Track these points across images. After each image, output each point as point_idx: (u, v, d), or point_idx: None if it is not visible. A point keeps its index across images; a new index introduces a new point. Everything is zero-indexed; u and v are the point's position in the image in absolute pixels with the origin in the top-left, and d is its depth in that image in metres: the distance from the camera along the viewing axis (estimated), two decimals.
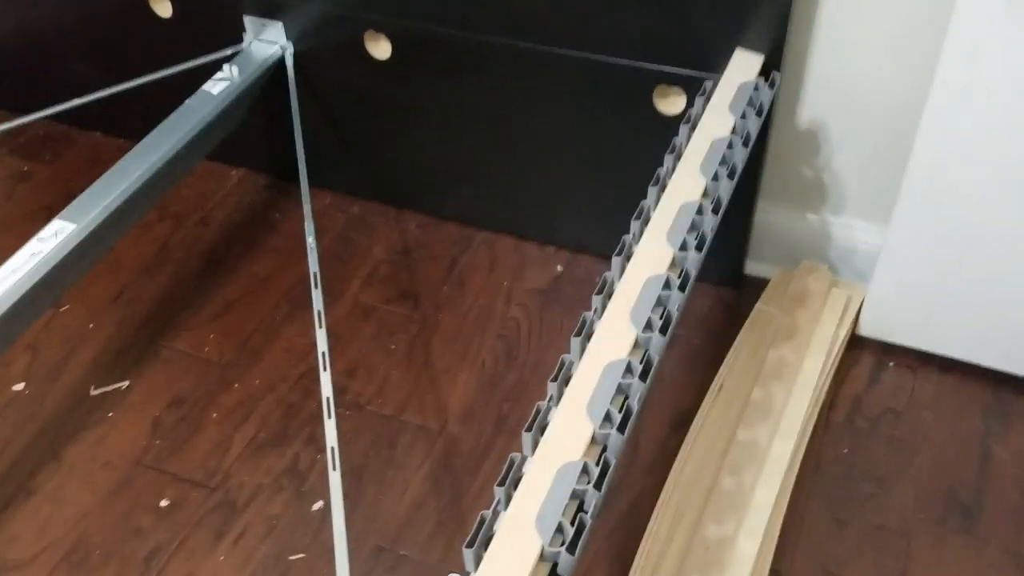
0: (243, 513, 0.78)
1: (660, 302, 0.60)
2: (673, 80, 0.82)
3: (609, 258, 0.64)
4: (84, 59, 1.09)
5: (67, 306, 0.96)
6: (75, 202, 0.79)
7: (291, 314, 0.95)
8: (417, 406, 0.86)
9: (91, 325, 0.94)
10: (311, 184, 0.87)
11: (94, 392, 0.88)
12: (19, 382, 0.89)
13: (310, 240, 0.80)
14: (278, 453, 0.82)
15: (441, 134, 0.96)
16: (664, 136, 0.75)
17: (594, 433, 0.53)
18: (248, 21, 0.94)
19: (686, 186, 0.69)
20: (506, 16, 0.84)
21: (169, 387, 0.88)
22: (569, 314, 0.94)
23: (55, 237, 0.76)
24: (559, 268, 0.99)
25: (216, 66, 0.93)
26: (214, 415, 0.86)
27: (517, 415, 0.85)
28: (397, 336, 0.93)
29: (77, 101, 0.91)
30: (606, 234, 0.75)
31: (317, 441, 0.83)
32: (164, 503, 0.79)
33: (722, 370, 0.84)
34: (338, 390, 0.86)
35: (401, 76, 0.93)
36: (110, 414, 0.86)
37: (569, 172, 0.93)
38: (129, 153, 0.83)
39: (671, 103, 0.84)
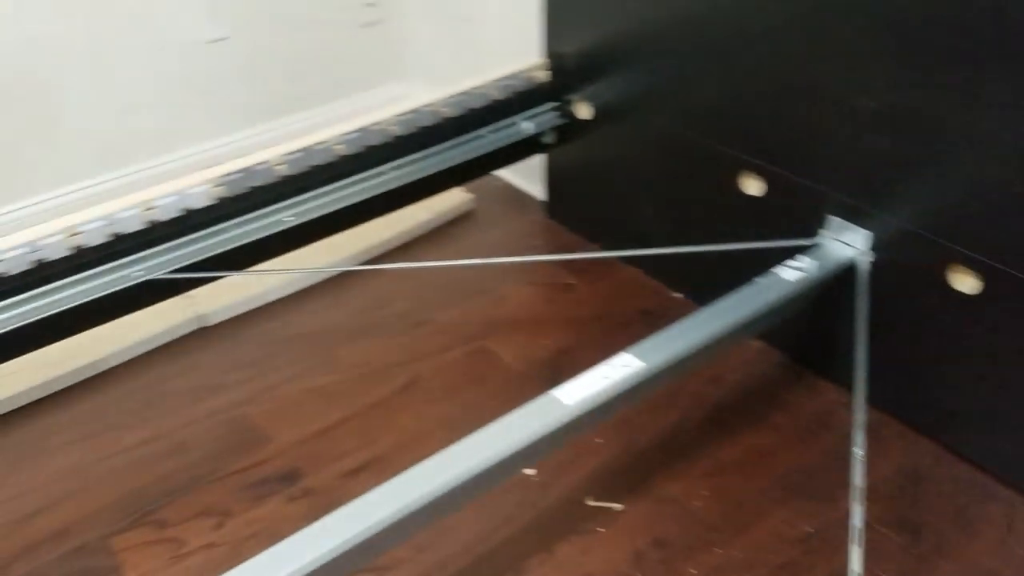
0: None
1: None
2: None
3: None
4: (659, 211, 1.24)
5: None
6: (646, 342, 0.89)
7: (784, 499, 0.96)
8: None
9: (602, 440, 1.04)
10: (825, 373, 0.88)
11: (590, 502, 0.98)
12: (533, 468, 1.02)
13: (857, 451, 0.80)
14: None
15: (1016, 382, 0.92)
16: None
17: None
18: (830, 219, 1.00)
19: None
20: None
21: (655, 525, 0.94)
22: None
23: (624, 368, 0.87)
24: None
25: (785, 252, 0.99)
26: (692, 571, 0.89)
27: None
28: (885, 563, 0.89)
29: (650, 251, 1.04)
30: None
31: None
32: None
33: None
34: None
35: (986, 315, 0.90)
36: (600, 529, 0.94)
37: None
38: (699, 313, 0.92)
39: None
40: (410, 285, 1.32)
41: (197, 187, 1.06)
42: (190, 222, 1.06)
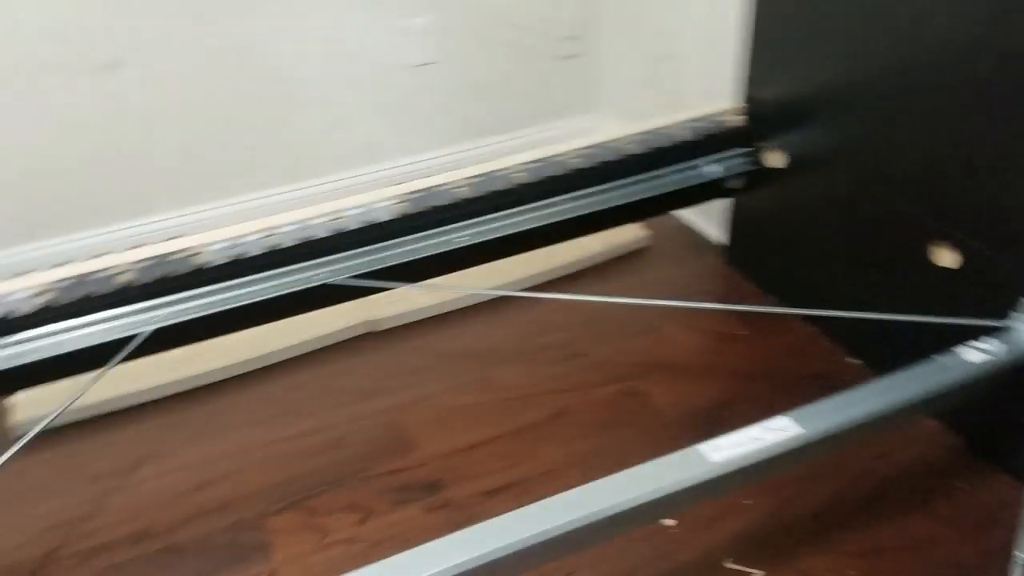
0: None
1: None
2: None
3: None
4: (842, 271, 1.18)
5: None
6: (809, 408, 0.85)
7: None
8: None
9: (750, 501, 1.00)
10: (1001, 464, 0.80)
11: (728, 564, 0.94)
12: (673, 519, 0.99)
13: (1020, 556, 0.73)
14: None
15: None
16: None
17: None
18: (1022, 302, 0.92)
19: None
20: None
21: None
22: None
23: (780, 432, 0.83)
24: None
25: (971, 331, 0.92)
26: None
27: None
28: None
29: (829, 312, 0.99)
30: None
31: None
32: None
33: None
34: None
35: None
36: None
37: None
38: (870, 385, 0.87)
39: None
40: (572, 316, 1.33)
41: (383, 202, 1.12)
42: (372, 234, 1.12)
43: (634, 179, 1.26)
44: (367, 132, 1.64)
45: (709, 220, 1.51)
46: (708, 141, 1.28)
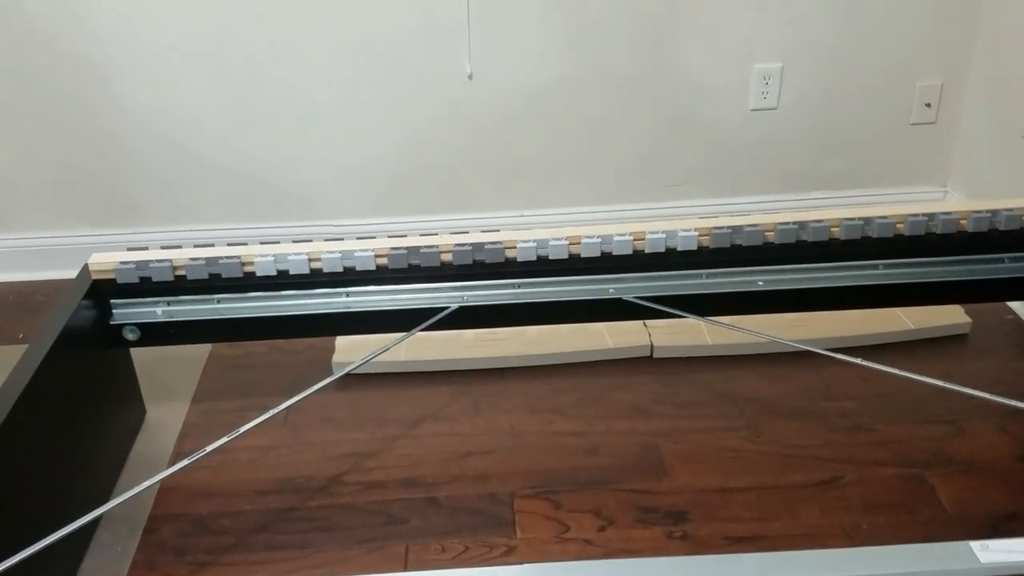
0: None
1: None
2: None
3: None
4: None
5: None
6: None
7: None
8: None
9: None
10: None
11: None
12: None
13: None
14: None
15: None
16: None
17: None
18: None
19: None
20: None
21: None
22: None
23: None
24: None
25: None
26: None
27: None
28: None
29: None
30: None
31: None
32: None
33: None
34: None
35: None
36: None
37: None
38: None
39: None
40: (865, 387, 1.26)
41: (686, 231, 1.14)
42: (670, 260, 1.15)
43: (963, 257, 1.17)
44: (682, 167, 1.68)
45: None
46: None
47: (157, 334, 1.13)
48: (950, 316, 1.37)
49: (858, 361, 1.06)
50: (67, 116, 1.55)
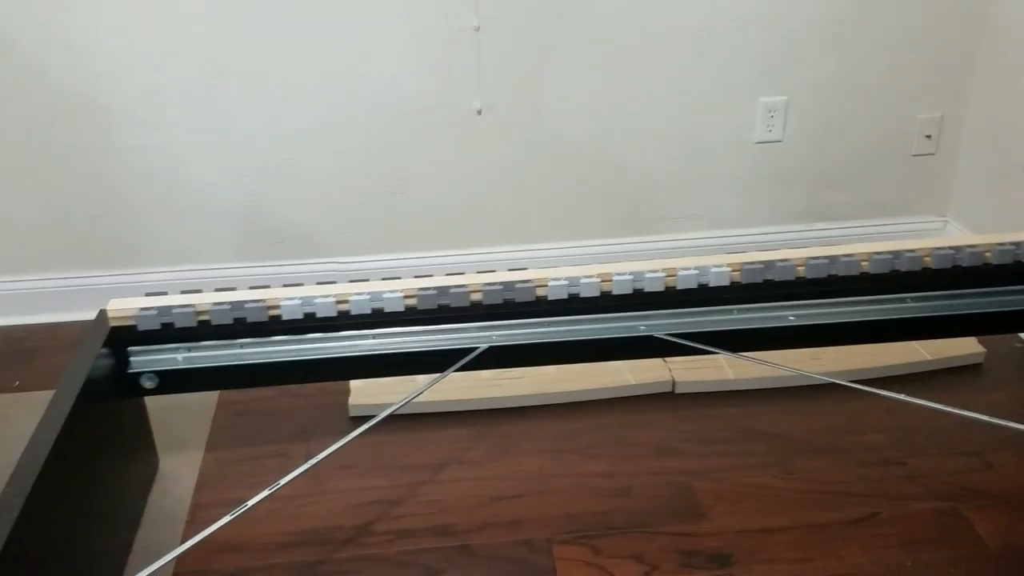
0: None
1: None
2: None
3: None
4: None
5: None
6: None
7: None
8: None
9: None
10: None
11: None
12: None
13: None
14: None
15: None
16: None
17: None
18: None
19: None
20: None
21: None
22: None
23: None
24: None
25: None
26: None
27: None
28: None
29: None
30: None
31: None
32: None
33: None
34: None
35: None
36: None
37: None
38: None
39: None
40: (890, 420, 1.25)
41: (718, 267, 1.13)
42: (699, 296, 1.13)
43: (984, 290, 1.17)
44: (707, 199, 1.68)
45: None
46: None
47: (176, 381, 1.09)
48: (966, 347, 1.38)
49: (893, 395, 1.06)
50: (56, 157, 1.50)
